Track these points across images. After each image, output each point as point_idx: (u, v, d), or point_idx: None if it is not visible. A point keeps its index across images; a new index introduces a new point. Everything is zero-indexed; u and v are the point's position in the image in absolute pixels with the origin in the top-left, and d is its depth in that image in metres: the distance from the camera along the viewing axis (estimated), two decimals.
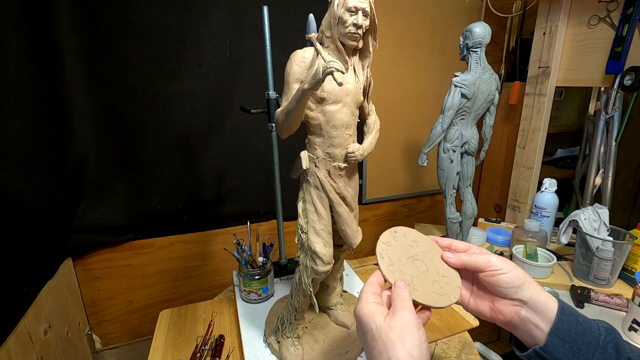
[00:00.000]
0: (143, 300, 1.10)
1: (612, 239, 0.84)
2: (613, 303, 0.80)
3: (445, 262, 0.45)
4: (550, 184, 1.06)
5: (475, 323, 0.77)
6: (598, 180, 1.06)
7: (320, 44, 0.53)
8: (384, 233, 0.46)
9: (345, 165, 0.56)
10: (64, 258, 0.92)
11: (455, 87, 0.88)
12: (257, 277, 0.79)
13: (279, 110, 0.54)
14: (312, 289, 0.59)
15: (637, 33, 0.89)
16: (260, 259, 0.83)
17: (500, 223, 1.17)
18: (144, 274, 1.08)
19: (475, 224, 1.16)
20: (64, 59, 0.82)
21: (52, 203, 0.80)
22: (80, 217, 0.92)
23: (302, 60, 0.53)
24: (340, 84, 0.46)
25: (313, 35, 0.55)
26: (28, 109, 0.71)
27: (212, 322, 0.78)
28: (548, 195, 1.06)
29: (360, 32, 0.50)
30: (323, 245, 0.57)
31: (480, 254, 0.42)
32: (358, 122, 0.58)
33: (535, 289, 0.39)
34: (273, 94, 0.78)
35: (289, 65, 0.54)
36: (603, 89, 1.02)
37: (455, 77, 0.88)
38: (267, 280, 0.81)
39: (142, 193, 0.99)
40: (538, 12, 1.10)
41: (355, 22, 0.49)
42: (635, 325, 0.70)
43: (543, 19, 1.09)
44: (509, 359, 1.01)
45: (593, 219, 0.88)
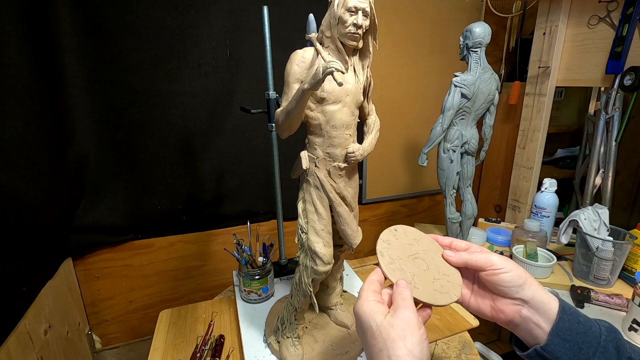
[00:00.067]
0: (143, 300, 1.10)
1: (612, 239, 0.84)
2: (613, 303, 0.80)
3: (446, 260, 0.44)
4: (550, 184, 1.06)
5: (475, 323, 0.77)
6: (598, 180, 1.06)
7: (320, 44, 0.53)
8: (385, 231, 0.46)
9: (345, 165, 0.56)
10: (64, 258, 0.92)
11: (455, 87, 0.88)
12: (257, 277, 0.79)
13: (279, 110, 0.54)
14: (312, 289, 0.59)
15: (637, 33, 0.89)
16: (260, 259, 0.83)
17: (500, 223, 1.17)
18: (144, 274, 1.08)
19: (475, 224, 1.16)
20: (64, 59, 0.82)
21: (52, 203, 0.80)
22: (80, 217, 0.92)
23: (302, 60, 0.53)
24: (340, 84, 0.46)
25: (313, 35, 0.55)
26: (28, 109, 0.71)
27: (212, 322, 0.78)
28: (548, 195, 1.06)
29: (360, 32, 0.50)
30: (323, 245, 0.57)
31: (481, 253, 0.42)
32: (358, 122, 0.58)
33: (537, 288, 0.39)
34: (273, 94, 0.78)
35: (289, 65, 0.54)
36: (603, 89, 1.02)
37: (455, 77, 0.88)
38: (267, 280, 0.81)
39: (142, 193, 0.99)
40: (538, 12, 1.10)
41: (355, 22, 0.49)
42: (635, 325, 0.70)
43: (543, 19, 1.09)
44: (509, 359, 1.01)
45: (593, 219, 0.88)
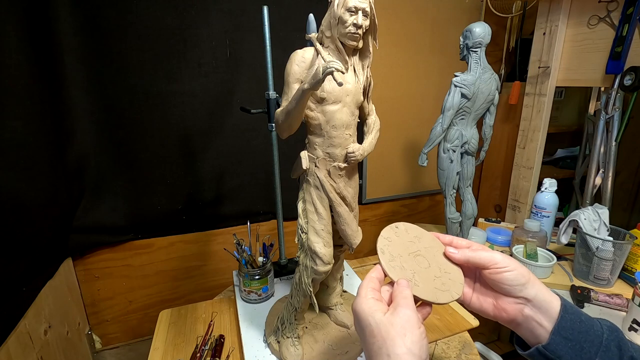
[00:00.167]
0: (143, 300, 1.10)
1: (612, 239, 0.84)
2: (613, 303, 0.80)
3: (449, 257, 0.44)
4: (550, 184, 1.06)
5: (476, 323, 0.77)
6: (598, 180, 1.05)
7: (320, 44, 0.53)
8: (386, 228, 0.45)
9: (345, 165, 0.56)
10: (64, 258, 0.92)
11: (455, 87, 0.88)
12: (257, 277, 0.79)
13: (279, 110, 0.54)
14: (312, 289, 0.59)
15: (637, 33, 0.89)
16: (260, 259, 0.83)
17: (500, 223, 1.17)
18: (144, 274, 1.08)
19: (475, 224, 1.16)
20: (64, 59, 0.82)
21: (52, 203, 0.79)
22: (80, 217, 0.92)
23: (302, 60, 0.53)
24: (340, 84, 0.46)
25: (313, 35, 0.55)
26: (28, 109, 0.71)
27: (212, 322, 0.78)
28: (548, 195, 1.06)
29: (360, 32, 0.50)
30: (323, 245, 0.57)
31: (484, 251, 0.42)
32: (358, 122, 0.58)
33: (540, 287, 0.39)
34: (273, 94, 0.78)
35: (289, 65, 0.54)
36: (603, 89, 1.02)
37: (455, 77, 0.88)
38: (267, 280, 0.81)
39: (142, 193, 0.99)
40: (538, 12, 1.10)
41: (355, 22, 0.49)
42: (635, 325, 0.70)
43: (543, 19, 1.09)
44: (509, 359, 1.01)
45: (593, 219, 0.88)
